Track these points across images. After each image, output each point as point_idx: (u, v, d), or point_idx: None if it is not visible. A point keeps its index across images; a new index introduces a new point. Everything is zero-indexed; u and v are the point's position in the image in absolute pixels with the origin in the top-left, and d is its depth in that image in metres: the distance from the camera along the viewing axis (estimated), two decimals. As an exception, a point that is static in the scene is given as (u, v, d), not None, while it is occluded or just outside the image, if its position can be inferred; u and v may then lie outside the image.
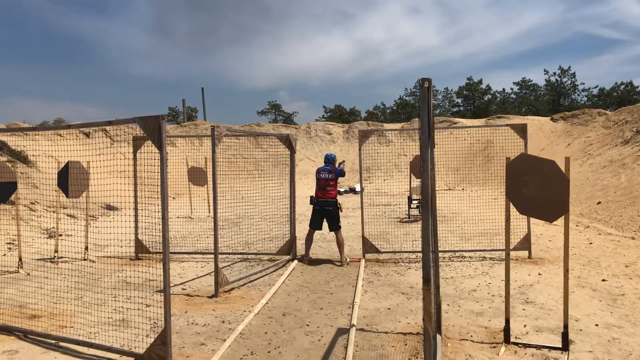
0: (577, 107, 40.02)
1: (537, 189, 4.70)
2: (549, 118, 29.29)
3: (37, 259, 9.40)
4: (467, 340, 5.18)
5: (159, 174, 4.61)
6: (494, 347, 4.97)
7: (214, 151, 7.06)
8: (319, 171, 9.25)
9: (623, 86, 46.13)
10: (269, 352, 5.03)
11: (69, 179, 8.22)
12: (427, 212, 3.28)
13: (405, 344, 5.12)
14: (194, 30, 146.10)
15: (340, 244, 9.04)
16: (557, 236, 10.74)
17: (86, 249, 9.65)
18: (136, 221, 9.57)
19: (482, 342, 5.11)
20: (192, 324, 5.89)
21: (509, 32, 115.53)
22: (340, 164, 9.65)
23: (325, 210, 9.10)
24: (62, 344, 5.18)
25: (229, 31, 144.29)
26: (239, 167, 22.34)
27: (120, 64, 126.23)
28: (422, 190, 3.25)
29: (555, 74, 49.93)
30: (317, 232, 9.38)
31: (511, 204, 4.95)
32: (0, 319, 5.81)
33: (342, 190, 24.97)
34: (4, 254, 9.67)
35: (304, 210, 16.70)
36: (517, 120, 28.93)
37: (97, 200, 14.76)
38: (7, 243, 10.54)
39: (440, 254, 9.08)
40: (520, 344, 4.99)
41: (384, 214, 15.50)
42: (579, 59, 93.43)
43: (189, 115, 49.95)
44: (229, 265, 8.97)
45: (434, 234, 4.72)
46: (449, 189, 22.71)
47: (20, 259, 8.60)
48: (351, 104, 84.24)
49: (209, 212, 16.02)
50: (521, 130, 8.95)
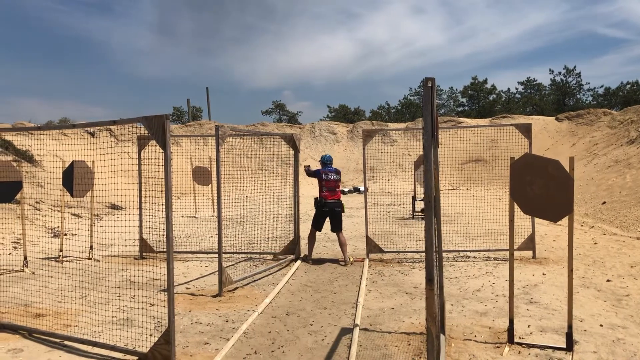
0: (582, 106, 39.89)
1: (542, 189, 4.69)
2: (554, 118, 29.22)
3: (42, 258, 9.45)
4: (470, 340, 5.18)
5: (163, 173, 4.62)
6: (498, 347, 4.97)
7: (218, 151, 7.07)
8: (325, 172, 9.08)
9: (629, 86, 45.84)
10: (272, 351, 5.04)
11: (74, 179, 8.25)
12: (430, 212, 3.28)
13: (409, 344, 5.12)
14: (199, 30, 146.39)
15: (343, 244, 9.03)
16: (561, 236, 10.71)
17: (91, 248, 9.68)
18: (140, 220, 9.60)
19: (485, 342, 5.10)
20: (196, 323, 5.90)
21: (514, 31, 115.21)
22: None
23: (335, 212, 9.03)
24: (66, 342, 5.20)
25: (233, 31, 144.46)
26: (243, 166, 22.38)
27: (125, 63, 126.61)
28: (425, 190, 3.24)
29: (560, 73, 49.69)
30: (320, 232, 9.38)
31: (515, 203, 4.94)
32: (6, 317, 5.83)
33: (346, 190, 24.97)
34: (10, 253, 9.71)
35: (308, 209, 16.70)
36: (522, 120, 28.85)
37: (102, 199, 14.79)
38: (12, 242, 10.59)
39: (445, 254, 9.07)
40: (524, 344, 4.98)
41: (387, 213, 15.49)
42: (584, 58, 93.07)
43: (193, 115, 49.96)
44: (233, 265, 8.98)
45: (437, 234, 4.72)
46: (454, 189, 22.67)
47: (25, 257, 8.64)
48: (355, 104, 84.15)
49: (213, 211, 16.06)
50: (526, 130, 8.93)
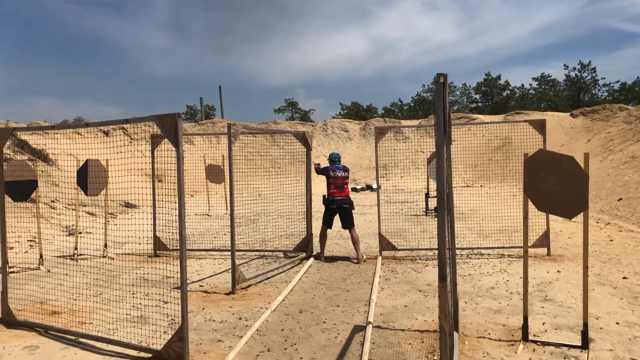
0: (598, 102, 39.42)
1: (556, 186, 4.64)
2: (569, 114, 28.87)
3: (57, 256, 9.55)
4: (484, 337, 5.14)
5: (176, 171, 4.64)
6: (512, 344, 4.93)
7: (230, 149, 7.09)
8: (333, 170, 9.03)
9: (645, 80, 45.32)
10: (285, 348, 5.04)
11: (88, 177, 8.32)
12: (442, 209, 3.26)
13: (422, 342, 5.10)
14: (211, 28, 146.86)
15: (356, 241, 9.01)
16: (576, 233, 10.60)
17: (105, 246, 9.77)
18: (154, 218, 9.67)
19: (499, 340, 5.07)
20: (209, 320, 5.93)
21: (528, 27, 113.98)
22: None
23: (343, 209, 9.01)
24: (81, 340, 5.25)
25: (246, 29, 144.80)
26: (256, 164, 22.43)
27: (139, 63, 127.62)
28: (437, 187, 3.22)
29: (575, 69, 49.21)
30: (333, 230, 9.37)
31: (529, 200, 4.89)
32: (22, 315, 5.90)
33: (358, 187, 24.94)
34: (26, 251, 9.82)
35: (320, 207, 16.66)
36: (536, 116, 28.57)
37: (116, 198, 14.90)
38: (28, 240, 10.72)
39: (458, 251, 9.01)
40: (539, 341, 4.94)
41: (401, 211, 15.44)
42: (599, 53, 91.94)
43: (206, 113, 50.25)
44: (245, 262, 9.01)
45: (450, 231, 4.69)
46: (467, 186, 22.54)
47: (41, 256, 8.74)
48: (368, 101, 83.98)
49: (226, 209, 16.11)
50: (540, 126, 8.84)
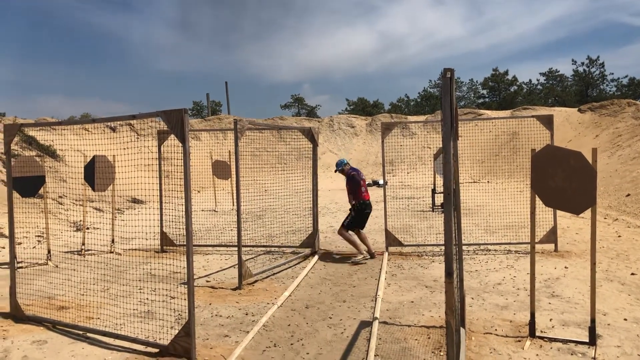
0: (606, 97, 39.16)
1: (564, 181, 4.62)
2: (577, 109, 28.69)
3: (65, 252, 9.59)
4: (491, 334, 5.13)
5: (182, 167, 4.65)
6: (519, 341, 4.92)
7: (236, 144, 7.09)
8: (358, 173, 9.02)
9: (654, 75, 44.97)
10: (291, 344, 5.05)
11: (96, 173, 8.35)
12: (449, 205, 3.24)
13: (429, 337, 5.10)
14: (218, 25, 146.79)
15: (364, 237, 9.01)
16: (584, 229, 10.54)
17: (112, 241, 9.81)
18: (161, 214, 9.70)
19: (506, 336, 5.06)
20: (216, 315, 5.94)
21: (535, 22, 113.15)
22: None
23: (369, 213, 8.98)
24: (89, 334, 5.28)
25: (252, 26, 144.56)
26: (262, 160, 22.46)
27: (146, 60, 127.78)
28: (444, 183, 3.21)
29: (583, 64, 48.87)
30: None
31: (537, 196, 4.87)
32: (30, 309, 5.94)
33: (365, 183, 24.89)
34: (34, 247, 9.88)
35: (327, 203, 16.71)
36: (543, 111, 28.41)
37: (123, 193, 14.98)
38: (36, 236, 10.78)
39: (465, 247, 8.99)
40: (546, 338, 4.93)
41: (407, 206, 15.42)
42: (607, 48, 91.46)
43: (213, 110, 50.31)
44: (252, 258, 9.03)
45: (457, 226, 4.67)
46: (474, 182, 22.46)
47: (49, 251, 8.79)
48: (374, 97, 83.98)
49: (233, 205, 16.14)
50: (547, 122, 8.79)
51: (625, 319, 5.40)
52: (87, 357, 4.78)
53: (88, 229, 10.51)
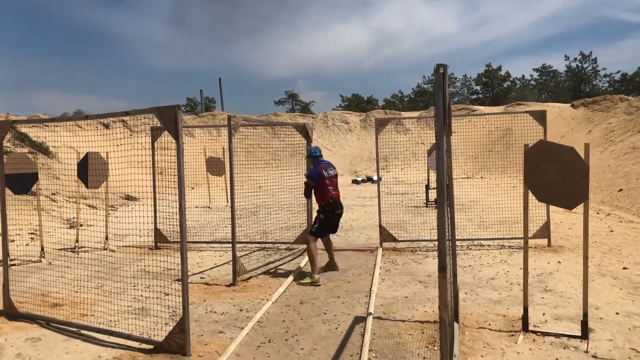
0: (599, 93, 39.31)
1: (556, 176, 4.64)
2: (569, 104, 28.79)
3: (59, 249, 9.57)
4: (484, 328, 5.16)
5: (176, 163, 4.64)
6: (512, 335, 4.95)
7: (230, 141, 7.08)
8: (325, 169, 7.50)
9: (646, 71, 45.15)
10: (286, 340, 5.06)
11: (89, 170, 8.33)
12: (442, 200, 3.25)
13: (423, 332, 5.12)
14: (212, 21, 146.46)
15: (330, 248, 7.81)
16: (577, 224, 10.60)
17: (106, 238, 9.79)
18: (155, 211, 9.67)
19: (500, 331, 5.08)
20: (210, 312, 5.95)
21: (529, 17, 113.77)
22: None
23: (340, 214, 7.67)
24: (83, 331, 5.27)
25: (246, 21, 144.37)
26: (256, 156, 22.42)
27: (139, 56, 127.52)
28: (437, 178, 3.22)
29: (576, 59, 48.98)
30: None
31: (530, 191, 4.89)
32: (24, 307, 5.92)
33: (359, 179, 24.94)
34: (27, 244, 9.84)
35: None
36: (537, 107, 28.48)
37: (117, 190, 14.91)
38: (29, 233, 10.74)
39: (459, 243, 9.02)
40: (539, 332, 4.96)
41: (401, 202, 15.44)
42: (600, 44, 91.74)
43: (206, 106, 50.17)
44: (246, 254, 9.02)
45: (451, 222, 4.69)
46: (468, 177, 22.52)
47: (42, 248, 8.76)
48: (369, 93, 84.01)
49: (227, 201, 16.12)
50: (540, 117, 8.82)
51: (617, 313, 5.44)
52: (81, 354, 4.77)
53: (81, 226, 10.47)
